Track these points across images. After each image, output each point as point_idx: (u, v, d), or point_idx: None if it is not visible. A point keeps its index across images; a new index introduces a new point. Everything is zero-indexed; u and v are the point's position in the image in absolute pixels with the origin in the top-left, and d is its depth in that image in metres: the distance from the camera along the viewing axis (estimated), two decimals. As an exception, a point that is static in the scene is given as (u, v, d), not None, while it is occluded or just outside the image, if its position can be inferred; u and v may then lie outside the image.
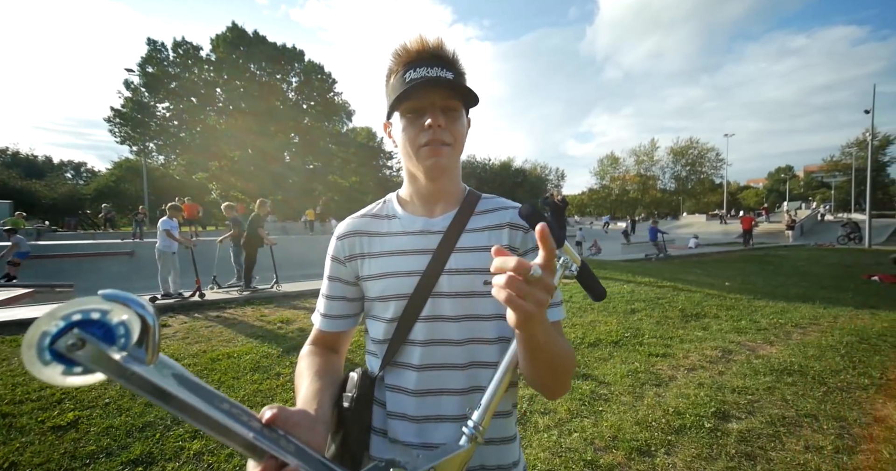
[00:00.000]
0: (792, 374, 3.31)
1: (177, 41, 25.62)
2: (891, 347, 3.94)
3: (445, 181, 0.73)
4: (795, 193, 59.77)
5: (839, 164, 51.58)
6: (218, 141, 26.98)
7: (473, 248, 0.71)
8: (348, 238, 0.75)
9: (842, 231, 19.96)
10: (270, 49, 27.37)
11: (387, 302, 0.71)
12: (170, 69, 25.30)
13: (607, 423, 2.58)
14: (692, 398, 2.89)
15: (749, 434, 2.43)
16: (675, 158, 54.90)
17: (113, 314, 0.34)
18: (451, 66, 0.68)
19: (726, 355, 3.82)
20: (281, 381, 3.16)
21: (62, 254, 10.90)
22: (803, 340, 4.22)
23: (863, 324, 4.81)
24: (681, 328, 4.68)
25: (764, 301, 6.04)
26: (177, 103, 25.29)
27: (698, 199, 55.10)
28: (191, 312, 5.22)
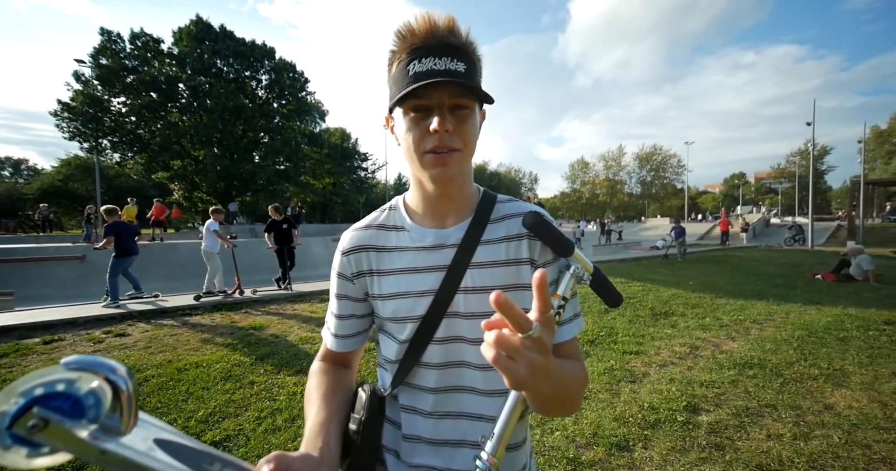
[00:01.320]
0: (752, 367, 3.53)
1: (134, 33, 24.04)
2: (835, 340, 4.29)
3: (455, 188, 0.66)
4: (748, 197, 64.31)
5: (785, 171, 55.98)
6: (181, 139, 25.58)
7: (491, 262, 0.66)
8: (354, 254, 0.69)
9: (788, 233, 21.63)
10: (239, 45, 26.27)
11: (399, 323, 0.67)
12: (127, 62, 23.64)
13: (587, 420, 2.64)
14: (665, 393, 3.02)
15: (717, 426, 2.57)
16: (641, 164, 57.71)
17: (81, 383, 0.31)
18: (462, 55, 0.58)
19: (693, 350, 4.02)
20: (255, 389, 3.03)
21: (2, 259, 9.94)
22: (761, 336, 4.52)
23: (810, 319, 5.21)
24: (651, 326, 4.88)
25: (725, 299, 6.43)
26: (135, 98, 23.69)
27: (662, 203, 58.11)
28: (153, 319, 4.90)
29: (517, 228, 0.67)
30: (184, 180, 27.50)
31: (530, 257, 0.67)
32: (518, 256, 0.66)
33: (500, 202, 0.71)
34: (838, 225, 23.58)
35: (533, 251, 0.67)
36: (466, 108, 0.60)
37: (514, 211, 0.69)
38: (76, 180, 34.41)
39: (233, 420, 2.59)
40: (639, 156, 57.62)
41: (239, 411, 2.74)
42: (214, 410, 2.70)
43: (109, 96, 23.59)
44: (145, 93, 23.83)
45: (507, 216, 0.69)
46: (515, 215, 0.68)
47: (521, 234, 0.67)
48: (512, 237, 0.67)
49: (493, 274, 0.65)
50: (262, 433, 2.45)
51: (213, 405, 2.76)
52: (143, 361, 3.51)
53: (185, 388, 2.99)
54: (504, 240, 0.67)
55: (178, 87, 24.90)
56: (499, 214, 0.69)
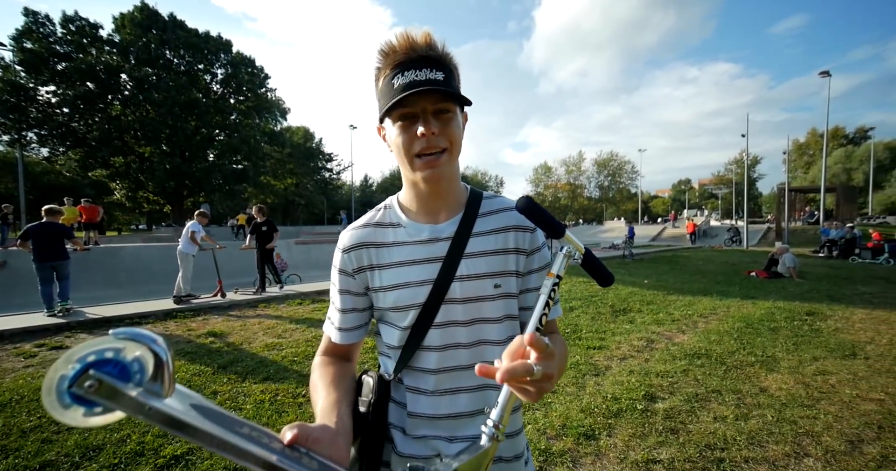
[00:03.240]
0: (700, 357, 3.87)
1: (67, 15, 21.81)
2: (767, 330, 4.79)
3: (445, 186, 0.73)
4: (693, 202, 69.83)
5: (724, 178, 61.29)
6: (124, 134, 23.49)
7: (482, 252, 0.73)
8: (355, 251, 0.74)
9: (727, 235, 23.74)
10: (191, 36, 24.58)
11: (401, 312, 0.72)
12: (58, 48, 21.37)
13: (556, 413, 2.77)
14: (626, 384, 3.23)
15: (672, 411, 2.79)
16: (599, 169, 60.80)
17: (126, 352, 0.35)
18: (440, 65, 0.65)
19: (650, 344, 4.32)
20: (219, 399, 2.87)
21: None
22: (706, 328, 4.94)
23: (747, 312, 5.78)
24: (612, 322, 5.19)
25: (675, 296, 6.96)
26: (67, 88, 21.41)
27: (618, 206, 61.55)
28: (95, 329, 4.48)
29: (504, 221, 0.75)
30: (127, 179, 25.28)
31: (517, 247, 0.75)
32: (506, 246, 0.74)
33: (486, 198, 0.78)
34: (768, 227, 26.23)
35: (521, 242, 0.75)
36: (448, 111, 0.67)
37: (500, 206, 0.77)
38: (-6, 177, 30.55)
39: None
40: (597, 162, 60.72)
41: (201, 423, 2.58)
42: (173, 424, 2.53)
43: (36, 84, 21.18)
44: (80, 82, 21.68)
45: (494, 211, 0.76)
46: (501, 210, 0.76)
47: (507, 226, 0.75)
48: (499, 229, 0.74)
49: (485, 262, 0.72)
50: (229, 445, 2.33)
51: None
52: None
53: (139, 402, 2.77)
54: (492, 232, 0.74)
55: (119, 77, 22.91)
56: (486, 209, 0.76)
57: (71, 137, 22.62)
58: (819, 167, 27.99)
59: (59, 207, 5.66)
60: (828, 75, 22.26)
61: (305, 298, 6.61)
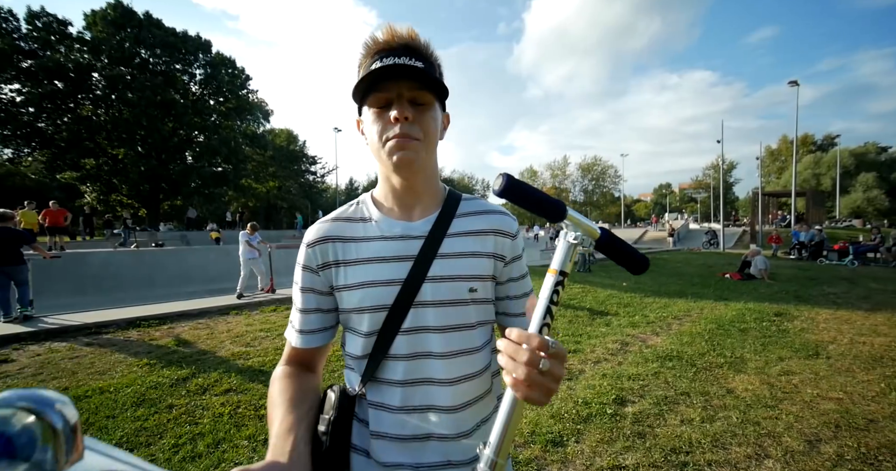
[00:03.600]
0: (672, 359, 3.90)
1: (33, 11, 20.94)
2: (737, 331, 4.90)
3: (421, 180, 0.68)
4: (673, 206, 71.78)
5: (702, 183, 63.32)
6: (95, 135, 22.61)
7: (458, 254, 0.68)
8: (320, 245, 0.69)
9: (705, 238, 24.44)
10: (167, 35, 23.90)
11: (364, 314, 0.66)
12: (22, 44, 20.45)
13: (526, 420, 2.73)
14: (597, 388, 3.22)
15: (641, 415, 2.79)
16: (583, 174, 62.03)
17: (14, 420, 0.29)
18: (421, 56, 0.63)
19: (624, 346, 4.35)
20: (174, 413, 2.72)
21: None
22: (679, 330, 5.02)
23: (719, 313, 5.90)
24: (588, 325, 5.21)
25: (652, 298, 7.06)
26: (34, 87, 20.49)
27: (602, 209, 62.77)
28: (48, 341, 4.23)
29: (484, 223, 0.71)
30: (98, 181, 24.34)
31: (495, 252, 0.71)
32: (484, 249, 0.69)
33: (465, 200, 0.75)
34: (744, 230, 27.13)
35: (501, 248, 0.71)
36: (426, 102, 0.63)
37: (481, 208, 0.73)
38: (-47, 179, 28.95)
39: (143, 450, 2.30)
40: (581, 166, 61.96)
41: (152, 439, 2.44)
42: (121, 441, 2.38)
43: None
44: (47, 81, 20.81)
45: (473, 212, 0.72)
46: (482, 212, 0.73)
47: (486, 229, 0.71)
48: (477, 232, 0.70)
49: (460, 264, 0.67)
50: (179, 462, 2.21)
51: (119, 436, 2.43)
52: (32, 390, 3.00)
53: (84, 418, 2.60)
54: (470, 234, 0.70)
55: (90, 76, 22.09)
56: (464, 210, 0.72)
57: (37, 137, 21.65)
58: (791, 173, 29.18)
59: (9, 212, 5.40)
60: (796, 85, 23.29)
61: (280, 304, 6.43)
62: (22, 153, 22.54)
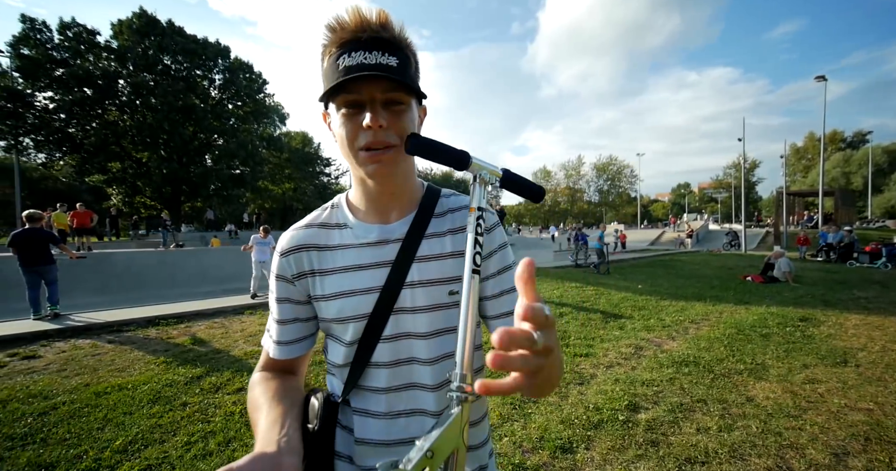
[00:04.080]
0: (688, 365, 3.78)
1: (65, 22, 21.91)
2: (759, 336, 4.71)
3: (398, 182, 0.65)
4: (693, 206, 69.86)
5: (723, 182, 61.43)
6: (121, 140, 23.51)
7: (436, 256, 0.65)
8: (294, 254, 0.66)
9: (726, 239, 23.67)
10: (189, 42, 24.68)
11: (345, 324, 0.64)
12: (55, 54, 21.43)
13: (535, 424, 2.69)
14: (609, 394, 3.14)
15: (654, 422, 2.70)
16: (598, 174, 61.02)
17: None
18: (394, 49, 0.57)
19: (638, 351, 4.24)
20: (187, 411, 2.79)
21: None
22: (697, 334, 4.86)
23: (740, 317, 5.69)
24: (601, 329, 5.10)
25: (668, 301, 6.87)
26: (65, 94, 21.48)
27: (618, 210, 61.62)
28: (73, 338, 4.40)
29: (461, 220, 0.68)
30: (124, 184, 25.28)
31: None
32: (462, 248, 0.65)
33: (443, 196, 0.71)
34: (767, 231, 26.17)
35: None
36: (401, 103, 0.58)
37: (458, 205, 0.70)
38: (-9, 182, 30.58)
39: (157, 447, 2.36)
40: (596, 166, 60.95)
41: (166, 436, 2.50)
42: (136, 437, 2.45)
43: (33, 90, 21.26)
44: (77, 88, 21.73)
45: (451, 210, 0.69)
46: (459, 209, 0.69)
47: (463, 225, 0.67)
48: (455, 230, 0.67)
49: (439, 267, 0.65)
50: (191, 460, 2.25)
51: (134, 432, 2.49)
52: (54, 386, 3.12)
53: (103, 414, 2.69)
54: (448, 233, 0.67)
55: (117, 83, 22.96)
56: (443, 208, 0.69)
57: (68, 142, 22.65)
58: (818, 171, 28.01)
59: (40, 213, 5.65)
60: (824, 80, 22.35)
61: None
62: (54, 157, 23.61)
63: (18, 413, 2.67)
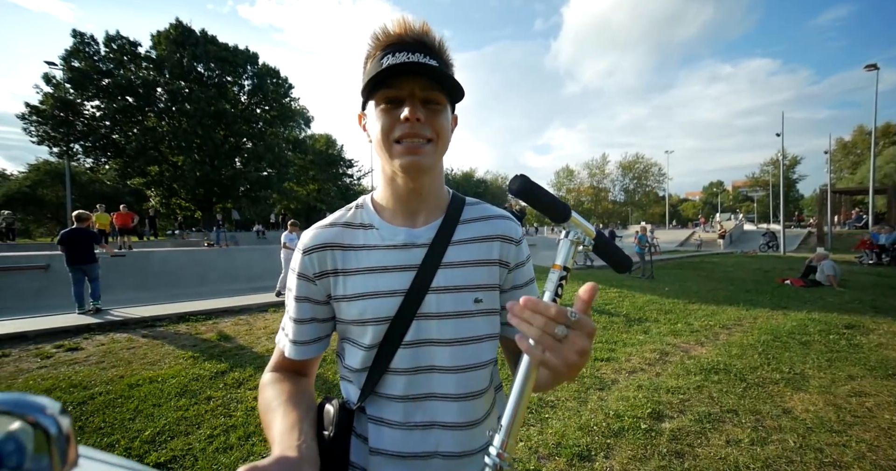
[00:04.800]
0: (718, 372, 3.58)
1: (110, 35, 23.44)
2: (798, 344, 4.40)
3: (427, 183, 0.65)
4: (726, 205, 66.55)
5: (759, 180, 58.15)
6: (158, 144, 24.89)
7: (462, 262, 0.65)
8: (317, 252, 0.65)
9: (762, 240, 22.37)
10: (220, 50, 25.85)
11: (364, 326, 0.63)
12: (101, 65, 22.95)
13: (552, 430, 2.62)
14: (631, 401, 3.02)
15: (679, 432, 2.57)
16: (624, 172, 59.05)
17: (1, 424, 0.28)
18: (435, 55, 0.60)
19: (663, 356, 4.06)
20: (211, 405, 2.89)
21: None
22: (728, 340, 4.60)
23: (777, 323, 5.35)
24: (625, 333, 4.92)
25: (697, 305, 6.55)
26: (109, 102, 22.97)
27: (645, 210, 59.48)
28: (111, 332, 4.68)
29: (488, 229, 0.68)
30: (161, 187, 26.74)
31: (500, 259, 0.68)
32: (489, 256, 0.67)
33: (469, 205, 0.72)
34: (809, 232, 24.53)
35: (505, 254, 0.68)
36: (438, 103, 0.60)
37: (485, 213, 0.71)
38: (45, 186, 33.06)
39: (182, 439, 2.46)
40: (622, 164, 59.02)
41: (191, 428, 2.60)
42: (164, 428, 2.56)
43: (82, 100, 22.85)
44: (120, 97, 23.18)
45: (477, 218, 0.70)
46: (486, 218, 0.70)
47: (491, 235, 0.68)
48: (483, 238, 0.68)
49: (464, 274, 0.65)
50: (213, 453, 2.33)
51: (162, 424, 2.61)
52: (93, 377, 3.32)
53: (135, 405, 2.83)
54: (474, 241, 0.67)
55: (155, 91, 24.32)
56: (468, 215, 0.70)
57: (112, 147, 24.19)
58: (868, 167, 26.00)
59: (87, 213, 6.06)
60: (875, 69, 20.74)
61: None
62: (100, 162, 25.28)
63: (60, 402, 2.85)
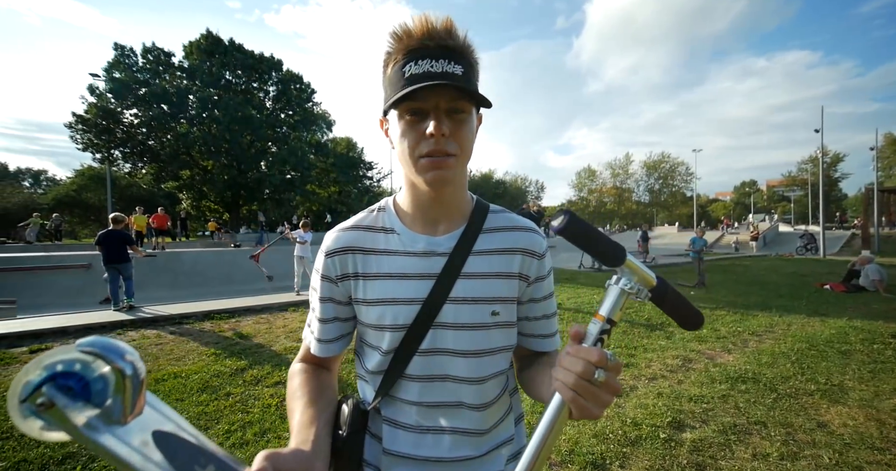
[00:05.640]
0: (746, 381, 3.40)
1: (146, 47, 24.87)
2: (837, 353, 4.12)
3: (449, 193, 0.65)
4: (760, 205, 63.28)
5: (797, 179, 55.00)
6: (190, 150, 26.13)
7: (482, 274, 0.65)
8: (339, 255, 0.66)
9: (800, 242, 21.12)
10: (247, 58, 26.95)
11: (382, 331, 0.64)
12: (139, 75, 24.39)
13: (565, 437, 2.55)
14: (650, 408, 2.90)
15: (701, 444, 2.45)
16: (649, 172, 57.25)
17: (94, 366, 0.31)
18: (460, 58, 0.57)
19: (686, 363, 3.89)
20: (230, 402, 2.99)
21: (7, 267, 10.16)
22: (758, 348, 4.36)
23: (813, 331, 5.02)
24: (645, 337, 4.75)
25: (725, 310, 6.25)
26: (146, 110, 24.35)
27: (671, 211, 57.39)
28: (142, 328, 4.92)
29: (511, 241, 0.67)
30: (192, 190, 28.01)
31: (521, 272, 0.67)
32: (510, 269, 0.66)
33: (492, 212, 0.71)
34: (853, 233, 22.97)
35: (527, 268, 0.67)
36: (463, 111, 0.59)
37: (507, 224, 0.70)
38: (89, 190, 35.33)
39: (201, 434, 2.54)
40: (646, 164, 57.19)
41: (210, 423, 2.70)
42: (185, 421, 2.66)
43: (122, 108, 24.29)
44: (156, 105, 24.48)
45: (500, 228, 0.69)
46: (510, 229, 0.69)
47: (514, 248, 0.67)
48: (505, 250, 0.67)
49: (484, 286, 0.64)
50: (229, 448, 2.40)
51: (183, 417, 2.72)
52: (123, 370, 3.49)
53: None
54: (496, 252, 0.66)
55: (187, 98, 25.53)
56: (491, 224, 0.69)
57: (148, 153, 25.59)
58: (918, 163, 24.11)
59: (122, 216, 6.44)
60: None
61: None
62: (137, 167, 26.78)
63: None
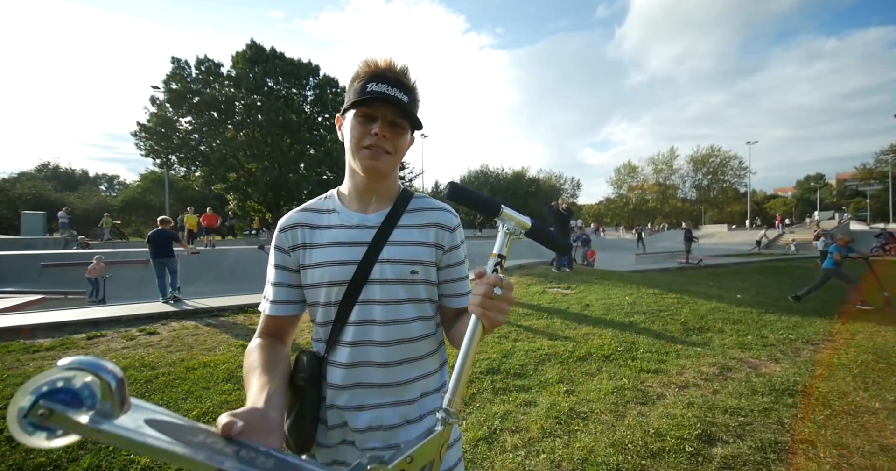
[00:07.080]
0: (794, 395, 3.05)
1: (199, 59, 26.91)
2: (911, 368, 3.59)
3: (381, 183, 0.84)
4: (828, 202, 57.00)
5: (874, 171, 49.03)
6: (236, 153, 27.92)
7: (404, 242, 0.82)
8: (291, 230, 0.83)
9: (876, 242, 18.77)
10: (287, 64, 28.35)
11: (325, 288, 0.79)
12: (192, 85, 26.47)
13: (580, 444, 2.41)
14: (678, 419, 2.68)
15: (734, 461, 2.22)
16: (696, 167, 53.38)
17: (76, 380, 0.39)
18: (408, 91, 0.78)
19: (724, 372, 3.56)
20: (251, 390, 3.12)
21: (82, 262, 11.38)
22: (812, 358, 3.90)
23: (884, 341, 4.43)
24: (679, 343, 4.41)
25: (776, 315, 5.67)
26: (198, 117, 26.36)
27: (721, 208, 53.24)
28: (183, 319, 5.29)
29: (428, 218, 0.86)
30: (238, 191, 29.90)
31: (436, 242, 0.85)
32: (426, 239, 0.84)
33: (416, 198, 0.89)
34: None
35: (441, 238, 0.86)
36: (402, 127, 0.80)
37: (426, 205, 0.89)
38: (152, 193, 38.78)
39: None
40: (693, 158, 53.33)
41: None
42: (208, 410, 2.81)
43: (178, 117, 26.41)
44: (207, 112, 26.39)
45: (420, 209, 0.87)
46: (427, 209, 0.88)
47: (429, 223, 0.86)
48: (423, 225, 0.85)
49: (406, 251, 0.81)
50: (245, 433, 2.50)
51: (208, 405, 2.87)
52: (160, 359, 3.76)
53: (188, 387, 3.15)
54: (416, 226, 0.85)
55: (234, 105, 27.28)
56: (414, 206, 0.87)
57: (199, 157, 27.63)
58: None
59: (168, 218, 7.15)
60: None
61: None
62: (190, 171, 29.01)
63: (131, 379, 3.28)
